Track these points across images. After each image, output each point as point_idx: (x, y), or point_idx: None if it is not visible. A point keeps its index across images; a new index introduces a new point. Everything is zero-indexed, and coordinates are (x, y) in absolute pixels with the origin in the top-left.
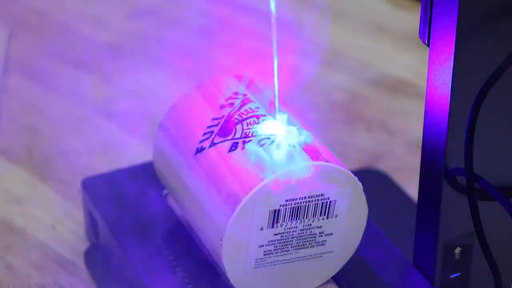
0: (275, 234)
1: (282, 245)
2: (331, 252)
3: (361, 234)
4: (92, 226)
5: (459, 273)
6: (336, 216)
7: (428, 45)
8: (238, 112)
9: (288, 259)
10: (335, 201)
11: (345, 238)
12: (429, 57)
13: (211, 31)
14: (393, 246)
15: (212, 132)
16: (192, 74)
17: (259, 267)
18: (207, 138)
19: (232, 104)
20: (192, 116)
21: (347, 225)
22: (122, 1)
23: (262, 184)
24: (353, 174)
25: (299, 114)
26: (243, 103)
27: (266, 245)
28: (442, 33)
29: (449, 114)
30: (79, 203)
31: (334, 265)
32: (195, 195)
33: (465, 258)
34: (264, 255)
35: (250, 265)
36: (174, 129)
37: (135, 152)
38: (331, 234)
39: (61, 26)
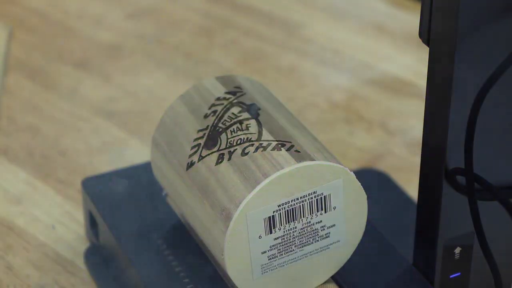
0: (275, 239)
1: (285, 247)
2: (338, 241)
3: (365, 219)
4: (92, 226)
5: (459, 273)
6: (335, 208)
7: (428, 45)
8: (222, 120)
9: (295, 258)
10: (329, 195)
11: (349, 226)
12: (429, 57)
13: (211, 31)
14: (393, 246)
15: (199, 145)
16: (192, 74)
17: (267, 271)
18: (195, 152)
19: (215, 111)
20: (180, 130)
21: (348, 214)
22: (122, 1)
23: (250, 196)
24: (341, 165)
25: (299, 114)
26: (226, 109)
27: (268, 251)
28: (442, 33)
29: (449, 114)
30: (79, 203)
31: (345, 252)
32: (192, 210)
33: (465, 258)
34: (269, 260)
35: (257, 272)
36: (165, 145)
37: (135, 152)
38: (334, 225)
39: (61, 26)
